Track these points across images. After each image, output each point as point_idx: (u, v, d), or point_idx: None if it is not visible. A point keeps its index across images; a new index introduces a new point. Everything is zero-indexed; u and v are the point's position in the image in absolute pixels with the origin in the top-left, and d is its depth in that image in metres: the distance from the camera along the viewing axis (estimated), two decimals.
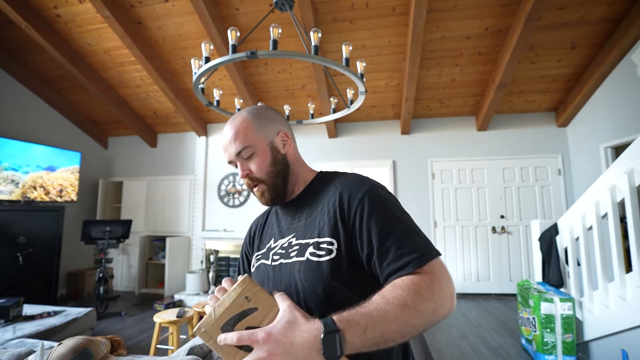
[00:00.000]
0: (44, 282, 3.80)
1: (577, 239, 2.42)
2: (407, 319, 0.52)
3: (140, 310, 3.95)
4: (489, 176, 4.31)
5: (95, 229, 3.94)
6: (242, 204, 4.63)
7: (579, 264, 2.41)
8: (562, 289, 2.54)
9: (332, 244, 0.65)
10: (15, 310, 2.37)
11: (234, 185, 4.70)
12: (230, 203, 4.67)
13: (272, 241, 0.79)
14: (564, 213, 2.90)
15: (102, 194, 5.07)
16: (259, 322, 0.53)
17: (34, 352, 1.25)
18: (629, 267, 2.19)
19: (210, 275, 4.44)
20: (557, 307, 2.28)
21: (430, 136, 4.49)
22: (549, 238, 2.65)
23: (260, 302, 0.54)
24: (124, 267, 4.98)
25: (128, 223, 4.20)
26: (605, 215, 2.16)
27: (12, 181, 3.76)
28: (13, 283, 3.47)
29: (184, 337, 2.81)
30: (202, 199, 4.73)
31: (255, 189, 0.75)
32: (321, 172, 0.83)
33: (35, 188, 3.96)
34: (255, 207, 4.57)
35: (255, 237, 0.86)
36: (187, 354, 1.31)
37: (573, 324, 2.25)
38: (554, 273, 2.55)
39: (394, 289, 0.55)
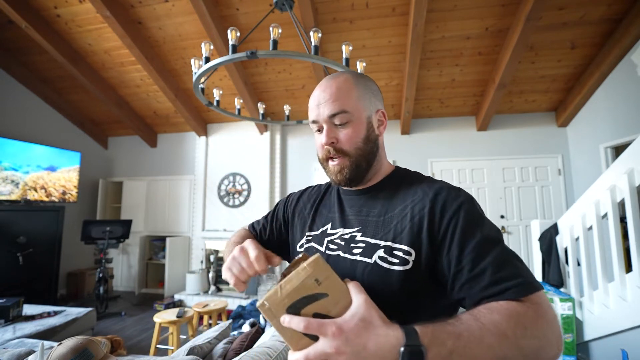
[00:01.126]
0: (44, 282, 3.80)
1: (577, 239, 2.42)
2: (504, 353, 0.44)
3: (140, 310, 3.95)
4: (489, 176, 4.31)
5: (95, 229, 3.94)
6: (242, 204, 4.64)
7: (579, 264, 2.41)
8: (562, 289, 2.54)
9: (409, 254, 0.59)
10: (15, 310, 2.37)
11: (234, 185, 4.70)
12: (230, 203, 4.67)
13: (329, 226, 0.72)
14: (564, 213, 2.90)
15: (102, 194, 5.07)
16: (328, 309, 0.47)
17: (34, 352, 1.25)
18: (629, 267, 2.18)
19: (210, 275, 4.44)
20: (557, 307, 2.28)
21: (430, 136, 4.49)
22: (549, 238, 2.65)
23: (332, 288, 0.48)
24: (124, 267, 4.98)
25: (128, 223, 4.20)
26: (605, 215, 2.16)
27: (12, 181, 3.76)
28: (13, 283, 3.48)
29: (184, 337, 2.82)
30: (202, 199, 4.73)
31: (333, 162, 0.66)
32: (399, 167, 0.76)
33: (36, 190, 3.96)
34: (255, 207, 4.57)
35: (305, 210, 0.80)
36: (187, 354, 1.30)
37: (573, 324, 2.25)
38: (554, 273, 2.55)
39: (491, 314, 0.46)
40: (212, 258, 4.51)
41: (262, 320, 2.41)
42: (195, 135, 5.01)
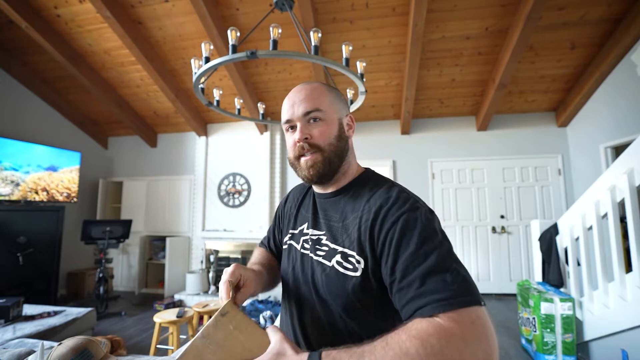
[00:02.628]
0: (44, 282, 3.79)
1: (577, 239, 2.42)
2: None
3: (140, 310, 3.95)
4: (489, 176, 4.31)
5: (95, 229, 3.94)
6: (242, 204, 4.63)
7: (579, 264, 2.41)
8: (562, 289, 2.54)
9: (359, 262, 0.61)
10: (15, 310, 2.37)
11: (234, 185, 4.70)
12: (230, 203, 4.67)
13: (305, 226, 0.77)
14: (564, 213, 2.90)
15: (102, 194, 5.07)
16: (251, 354, 0.54)
17: (34, 352, 1.25)
18: (629, 267, 2.19)
19: (210, 275, 4.44)
20: (557, 307, 2.28)
21: (430, 136, 4.49)
22: (548, 238, 2.65)
23: (251, 335, 0.56)
24: (124, 267, 4.98)
25: (128, 223, 4.20)
26: (605, 215, 2.16)
27: (12, 181, 3.76)
28: (13, 283, 3.47)
29: (184, 337, 2.82)
30: (202, 199, 4.73)
31: (307, 157, 0.69)
32: (368, 170, 0.77)
33: (37, 192, 3.96)
34: (255, 207, 4.57)
35: (290, 210, 0.87)
36: None
37: (573, 324, 2.25)
38: (554, 273, 2.55)
39: (400, 333, 0.47)
40: (212, 258, 4.51)
41: (261, 321, 2.41)
42: (195, 135, 5.01)
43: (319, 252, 0.69)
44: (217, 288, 4.43)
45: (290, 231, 0.82)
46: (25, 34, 3.38)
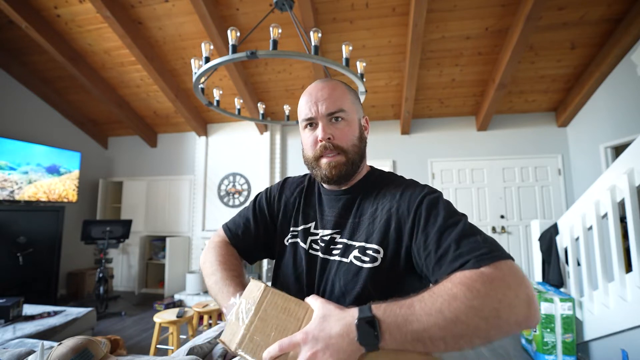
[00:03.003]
0: (44, 282, 3.79)
1: (577, 239, 2.42)
2: (455, 314, 0.45)
3: (141, 310, 3.95)
4: (489, 176, 4.31)
5: (95, 229, 3.94)
6: (242, 204, 4.63)
7: (579, 264, 2.41)
8: (562, 289, 2.54)
9: (378, 252, 0.64)
10: (15, 310, 2.37)
11: (234, 185, 4.70)
12: (230, 203, 4.67)
13: (312, 225, 0.75)
14: (564, 213, 2.90)
15: (102, 194, 5.07)
16: (296, 328, 0.52)
17: (34, 352, 1.25)
18: (629, 267, 2.18)
19: None
20: (557, 307, 2.28)
21: (430, 136, 4.49)
22: (548, 238, 2.65)
23: (295, 307, 0.54)
24: (124, 267, 4.98)
25: (128, 223, 4.20)
26: (605, 215, 2.16)
27: (12, 181, 3.76)
28: (13, 283, 3.47)
29: (184, 337, 2.82)
30: (202, 199, 4.73)
31: (328, 158, 0.68)
32: (373, 167, 0.80)
33: (36, 192, 3.96)
34: None
35: (289, 204, 0.81)
36: (187, 354, 1.30)
37: (573, 324, 2.25)
38: (554, 273, 2.55)
39: (445, 282, 0.50)
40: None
41: None
42: (195, 135, 5.01)
43: (334, 252, 0.69)
44: None
45: (293, 229, 0.78)
46: (25, 34, 3.38)
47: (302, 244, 0.74)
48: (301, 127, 0.72)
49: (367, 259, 0.64)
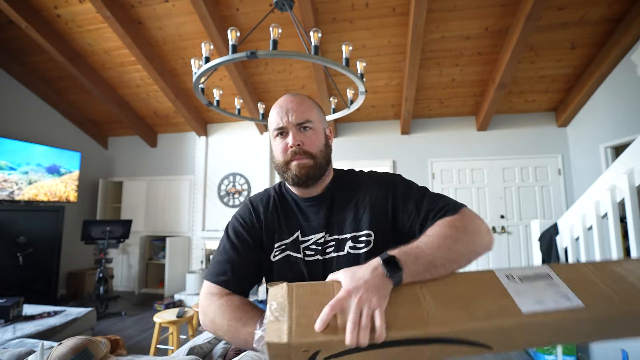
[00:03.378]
0: (44, 282, 3.79)
1: (577, 239, 2.42)
2: (449, 246, 0.61)
3: (140, 310, 3.95)
4: (489, 176, 4.31)
5: (95, 229, 3.94)
6: (241, 203, 4.63)
7: None
8: None
9: (370, 235, 0.75)
10: (15, 310, 2.37)
11: (234, 185, 4.70)
12: (230, 203, 4.67)
13: (298, 233, 0.79)
14: (564, 213, 2.90)
15: (102, 194, 5.07)
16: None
17: (34, 352, 1.25)
18: None
19: None
20: None
21: (430, 136, 4.49)
22: (548, 238, 2.65)
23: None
24: (124, 267, 4.98)
25: (128, 223, 4.20)
26: (605, 215, 2.16)
27: (12, 181, 3.76)
28: (13, 283, 3.47)
29: (184, 337, 2.82)
30: (202, 199, 4.73)
31: (299, 161, 0.75)
32: (337, 170, 0.89)
33: (36, 192, 3.96)
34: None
35: (270, 222, 0.81)
36: (187, 354, 1.31)
37: None
38: None
39: (433, 227, 0.67)
40: (212, 258, 4.51)
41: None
42: (195, 135, 5.01)
43: (327, 250, 0.76)
44: None
45: (280, 243, 0.78)
46: (25, 34, 3.37)
47: (295, 255, 0.77)
48: (272, 136, 0.80)
49: (361, 245, 0.74)
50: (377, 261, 0.57)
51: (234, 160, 4.75)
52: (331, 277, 0.59)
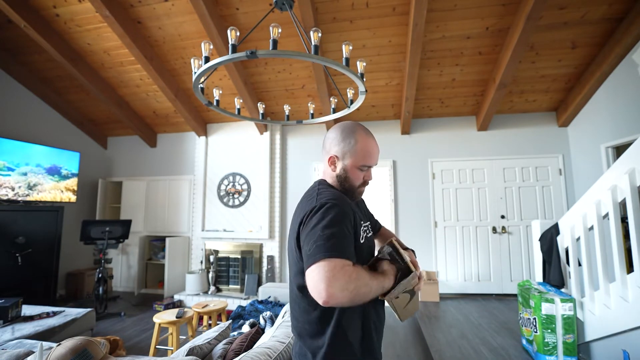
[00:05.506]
0: (43, 283, 3.79)
1: (578, 239, 2.41)
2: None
3: (140, 310, 3.94)
4: (490, 176, 4.30)
5: (94, 229, 3.93)
6: (241, 204, 4.63)
7: (580, 265, 2.40)
8: (563, 290, 2.53)
9: (369, 224, 1.06)
10: (14, 311, 2.36)
11: (233, 185, 4.69)
12: (230, 203, 4.67)
13: (362, 221, 1.06)
14: (565, 213, 2.90)
15: (102, 194, 5.07)
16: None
17: (33, 352, 1.24)
18: (630, 268, 2.18)
19: (210, 275, 4.44)
20: (558, 308, 2.28)
21: (430, 136, 4.48)
22: (549, 238, 2.64)
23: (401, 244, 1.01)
24: (123, 267, 4.97)
25: (127, 223, 4.19)
26: (607, 215, 2.16)
27: (11, 182, 3.74)
28: (12, 283, 3.46)
29: (184, 337, 2.81)
30: (202, 199, 4.72)
31: (362, 190, 1.05)
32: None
33: (37, 192, 3.95)
34: (254, 207, 4.56)
35: (357, 214, 1.07)
36: (187, 355, 1.30)
37: (574, 325, 2.24)
38: (554, 273, 2.55)
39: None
40: (211, 258, 4.51)
41: (261, 321, 2.40)
42: (195, 135, 5.01)
43: (368, 232, 1.02)
44: (217, 288, 4.44)
45: (363, 225, 1.04)
46: (24, 33, 3.37)
47: (367, 234, 1.05)
48: (356, 165, 0.98)
49: (370, 231, 1.04)
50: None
51: (233, 160, 4.74)
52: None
